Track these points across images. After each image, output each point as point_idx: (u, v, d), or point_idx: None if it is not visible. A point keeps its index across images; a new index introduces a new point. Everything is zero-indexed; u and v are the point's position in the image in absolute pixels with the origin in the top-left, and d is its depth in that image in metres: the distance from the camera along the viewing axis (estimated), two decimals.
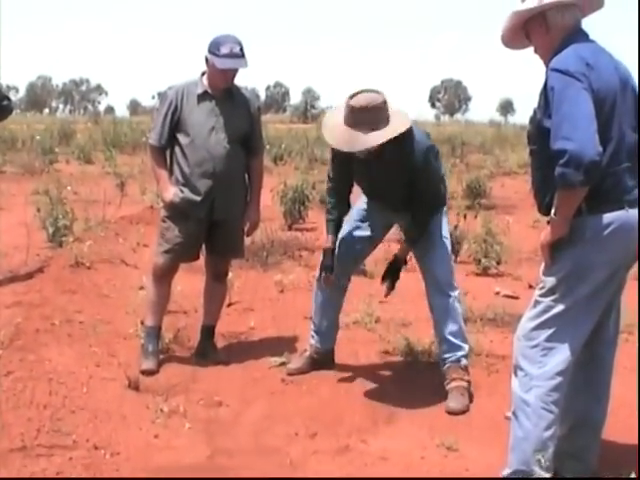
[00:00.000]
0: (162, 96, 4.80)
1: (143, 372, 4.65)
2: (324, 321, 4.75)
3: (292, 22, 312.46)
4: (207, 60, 4.61)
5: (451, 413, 4.18)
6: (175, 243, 4.75)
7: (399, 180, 4.30)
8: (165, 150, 4.79)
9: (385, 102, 4.11)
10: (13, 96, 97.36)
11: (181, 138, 4.68)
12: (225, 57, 4.51)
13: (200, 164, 4.65)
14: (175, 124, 4.68)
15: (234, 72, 4.64)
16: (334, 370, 4.77)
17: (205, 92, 4.68)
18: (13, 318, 5.22)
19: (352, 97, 4.09)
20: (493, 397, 4.36)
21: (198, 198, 4.68)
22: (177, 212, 4.73)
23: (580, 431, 3.26)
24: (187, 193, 4.68)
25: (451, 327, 4.37)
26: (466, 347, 4.44)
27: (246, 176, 4.91)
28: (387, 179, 4.34)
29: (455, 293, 4.43)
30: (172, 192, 4.70)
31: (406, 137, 4.16)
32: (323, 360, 4.78)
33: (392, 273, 4.55)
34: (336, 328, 4.84)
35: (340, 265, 4.57)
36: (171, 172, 4.78)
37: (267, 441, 3.83)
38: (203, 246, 4.95)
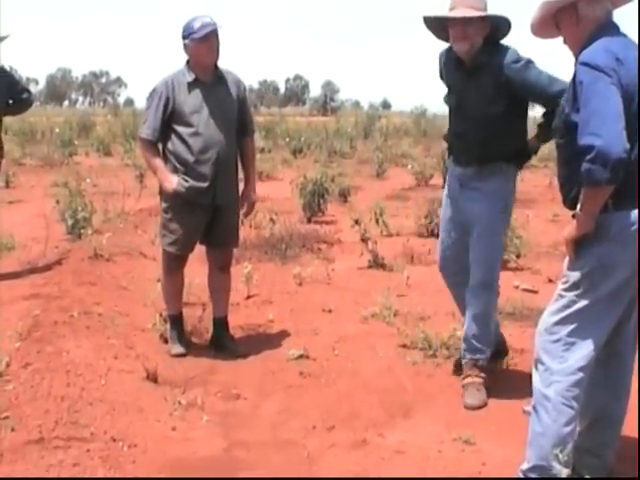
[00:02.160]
0: (152, 90, 4.80)
1: (174, 357, 4.79)
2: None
3: (312, 15, 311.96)
4: (186, 46, 4.68)
5: (469, 409, 4.14)
6: (181, 234, 4.79)
7: (489, 104, 4.17)
8: (158, 143, 4.81)
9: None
10: (33, 88, 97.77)
11: (180, 129, 4.70)
12: (201, 28, 4.60)
13: (204, 151, 4.68)
14: (169, 116, 4.70)
15: (216, 40, 4.69)
16: (351, 363, 4.75)
17: (195, 79, 4.71)
18: (31, 310, 5.25)
19: None
20: (511, 391, 4.33)
21: (205, 185, 4.71)
22: (180, 202, 4.75)
23: (599, 427, 3.23)
24: (192, 182, 4.70)
25: (477, 331, 4.26)
26: (488, 352, 4.32)
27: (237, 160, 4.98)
28: (477, 103, 4.20)
29: (492, 298, 4.27)
30: (176, 181, 4.71)
31: (503, 47, 4.16)
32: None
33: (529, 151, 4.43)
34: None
35: (454, 262, 4.42)
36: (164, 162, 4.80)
37: (284, 434, 3.83)
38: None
